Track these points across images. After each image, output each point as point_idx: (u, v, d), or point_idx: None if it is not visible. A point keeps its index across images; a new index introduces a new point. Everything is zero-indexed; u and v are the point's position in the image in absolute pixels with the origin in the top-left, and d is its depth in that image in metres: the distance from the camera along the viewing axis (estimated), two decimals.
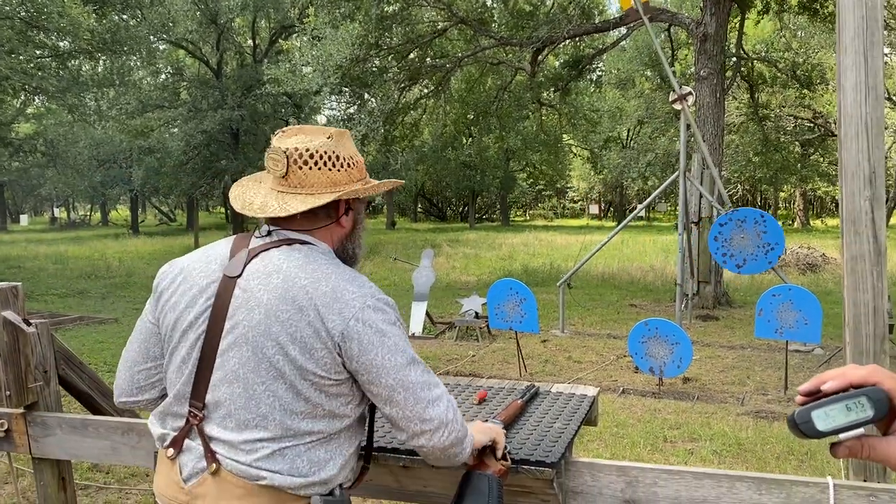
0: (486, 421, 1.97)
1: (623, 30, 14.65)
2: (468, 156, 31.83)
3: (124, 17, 18.46)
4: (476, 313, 8.97)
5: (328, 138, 1.60)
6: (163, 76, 25.39)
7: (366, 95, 15.68)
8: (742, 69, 16.32)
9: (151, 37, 20.16)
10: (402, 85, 14.88)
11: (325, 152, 1.58)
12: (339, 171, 1.60)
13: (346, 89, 15.80)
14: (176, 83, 25.31)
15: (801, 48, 19.35)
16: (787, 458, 4.75)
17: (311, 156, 1.56)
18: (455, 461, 1.67)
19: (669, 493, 1.98)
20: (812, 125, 28.46)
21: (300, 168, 1.56)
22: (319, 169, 1.57)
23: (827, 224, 36.34)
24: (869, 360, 1.85)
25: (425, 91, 17.35)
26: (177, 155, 21.85)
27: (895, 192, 29.33)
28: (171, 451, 1.56)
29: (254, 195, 1.62)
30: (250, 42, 25.48)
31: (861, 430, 0.80)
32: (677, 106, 8.00)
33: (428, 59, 15.44)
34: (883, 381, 0.80)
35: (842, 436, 0.80)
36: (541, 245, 23.16)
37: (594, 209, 48.76)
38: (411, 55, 14.75)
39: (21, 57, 15.85)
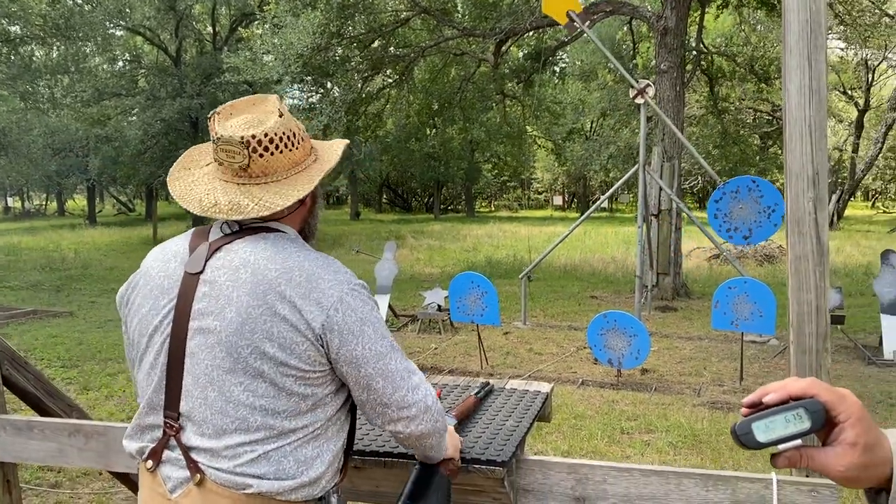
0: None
1: (587, 21, 14.71)
2: (432, 147, 31.75)
3: (78, 1, 17.98)
4: (438, 306, 8.97)
5: (280, 116, 1.47)
6: (120, 63, 24.84)
7: (328, 85, 15.53)
8: (702, 63, 16.53)
9: (107, 23, 19.68)
10: (365, 74, 14.76)
11: (284, 133, 1.46)
12: (297, 148, 1.50)
13: (308, 78, 15.63)
14: (133, 71, 24.78)
15: (759, 42, 19.66)
16: (740, 450, 4.82)
17: (271, 140, 1.44)
18: (430, 453, 1.64)
19: (619, 491, 2.00)
20: (770, 118, 29.00)
21: (261, 156, 1.44)
22: (281, 152, 1.46)
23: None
24: (812, 358, 1.89)
25: (388, 81, 17.24)
26: (135, 144, 21.39)
27: (850, 185, 30.10)
28: (150, 463, 1.47)
29: (208, 192, 1.47)
30: (210, 29, 25.05)
31: (799, 442, 0.82)
32: (639, 100, 8.07)
33: (391, 48, 15.34)
34: (820, 393, 0.83)
35: (781, 447, 0.82)
36: (505, 236, 23.25)
37: (558, 200, 49.08)
38: (374, 44, 14.64)
39: None
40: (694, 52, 15.12)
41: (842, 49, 27.33)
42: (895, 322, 7.27)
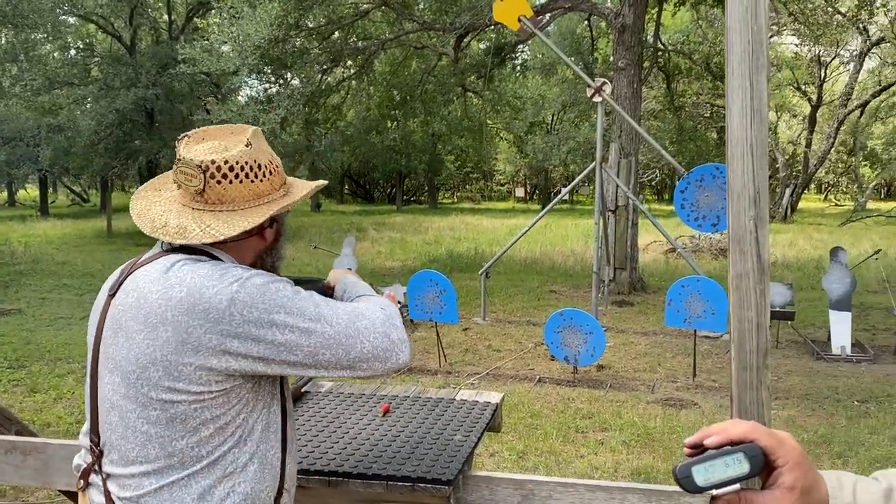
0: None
1: (547, 16, 14.74)
2: (393, 139, 31.60)
3: None
4: (398, 302, 8.94)
5: (247, 146, 1.43)
6: (72, 52, 24.17)
7: (287, 76, 15.32)
8: (659, 60, 16.71)
9: (58, 9, 19.12)
10: (324, 66, 14.60)
11: (247, 162, 1.42)
12: (261, 181, 1.45)
13: (267, 70, 15.40)
14: (86, 59, 24.13)
15: (715, 39, 19.94)
16: None
17: (231, 168, 1.40)
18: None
19: None
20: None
21: (219, 183, 1.40)
22: (241, 182, 1.42)
23: None
24: (752, 374, 1.92)
25: (348, 73, 17.09)
26: (87, 134, 20.83)
27: (803, 178, 30.79)
28: (81, 482, 1.46)
29: (163, 213, 1.44)
30: (166, 17, 24.52)
31: (737, 486, 0.83)
32: (596, 98, 8.12)
33: (351, 40, 15.19)
34: (760, 438, 0.84)
35: (719, 491, 0.83)
36: (467, 229, 23.29)
37: (520, 192, 49.32)
38: (333, 36, 14.48)
39: None
40: (651, 50, 15.27)
41: (796, 45, 27.91)
42: (843, 318, 7.46)
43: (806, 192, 34.78)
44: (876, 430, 5.29)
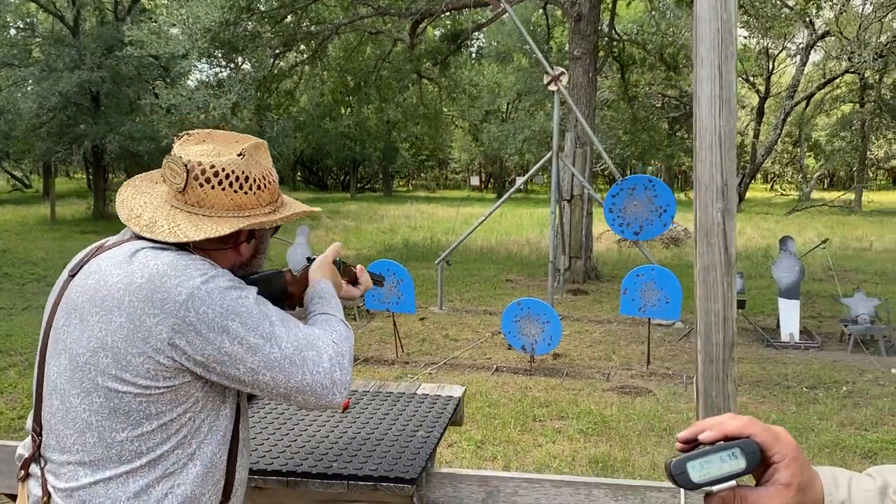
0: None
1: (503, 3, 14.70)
2: (347, 126, 31.28)
3: None
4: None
5: (239, 155, 1.40)
6: (12, 31, 23.23)
7: (238, 60, 15.00)
8: (614, 50, 16.83)
9: None
10: (277, 51, 14.31)
11: (234, 171, 1.39)
12: (246, 193, 1.41)
13: (218, 54, 15.04)
14: (27, 40, 23.23)
15: (668, 29, 20.19)
16: (648, 435, 4.98)
17: (216, 174, 1.37)
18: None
19: (529, 502, 1.98)
20: (678, 103, 29.93)
21: (201, 186, 1.37)
22: (223, 190, 1.38)
23: (690, 197, 38.57)
24: (718, 368, 1.91)
25: (301, 58, 16.80)
26: (29, 118, 20.05)
27: (751, 169, 31.51)
28: (21, 472, 1.41)
29: (144, 204, 1.43)
30: None
31: (734, 483, 0.81)
32: (552, 87, 8.12)
33: (304, 24, 14.91)
34: (756, 433, 0.82)
35: (715, 488, 0.81)
36: (422, 217, 23.21)
37: (475, 181, 49.39)
38: (286, 20, 14.19)
39: None
40: (607, 39, 15.36)
41: (744, 37, 28.45)
42: (792, 305, 7.62)
43: (753, 181, 35.56)
44: (824, 415, 5.42)
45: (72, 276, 1.39)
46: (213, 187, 1.38)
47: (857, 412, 5.48)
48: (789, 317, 7.63)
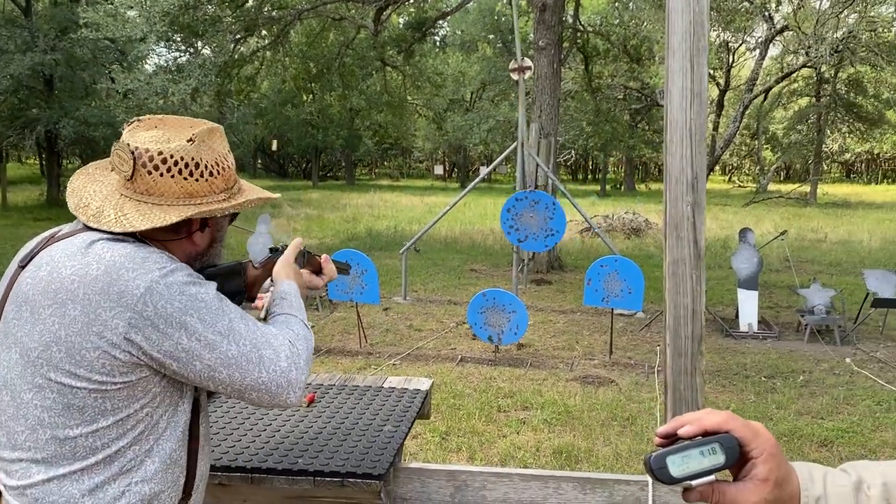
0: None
1: None
2: (309, 113, 30.92)
3: None
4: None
5: (189, 141, 1.35)
6: None
7: (198, 45, 14.68)
8: (578, 41, 16.89)
9: None
10: (238, 36, 14.06)
11: (182, 158, 1.34)
12: (197, 180, 1.36)
13: (177, 38, 14.70)
14: None
15: (631, 21, 20.32)
16: (611, 424, 5.02)
17: (164, 161, 1.33)
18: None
19: (498, 496, 1.97)
20: (640, 95, 30.22)
21: (149, 173, 1.33)
22: (173, 177, 1.34)
23: (650, 188, 39.04)
24: (687, 361, 1.91)
25: (263, 43, 16.53)
26: None
27: (710, 161, 31.97)
28: None
29: (94, 193, 1.38)
30: None
31: (713, 477, 0.81)
32: (514, 76, 8.11)
33: (265, 9, 14.66)
34: (735, 428, 0.83)
35: (694, 482, 0.81)
36: (386, 206, 23.08)
37: (439, 170, 49.29)
38: (247, 4, 13.93)
39: None
40: (571, 30, 15.41)
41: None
42: (750, 296, 7.76)
43: (711, 173, 36.14)
44: (782, 404, 5.53)
45: (21, 266, 1.34)
46: (161, 175, 1.33)
47: (813, 401, 5.60)
48: (748, 307, 7.77)
